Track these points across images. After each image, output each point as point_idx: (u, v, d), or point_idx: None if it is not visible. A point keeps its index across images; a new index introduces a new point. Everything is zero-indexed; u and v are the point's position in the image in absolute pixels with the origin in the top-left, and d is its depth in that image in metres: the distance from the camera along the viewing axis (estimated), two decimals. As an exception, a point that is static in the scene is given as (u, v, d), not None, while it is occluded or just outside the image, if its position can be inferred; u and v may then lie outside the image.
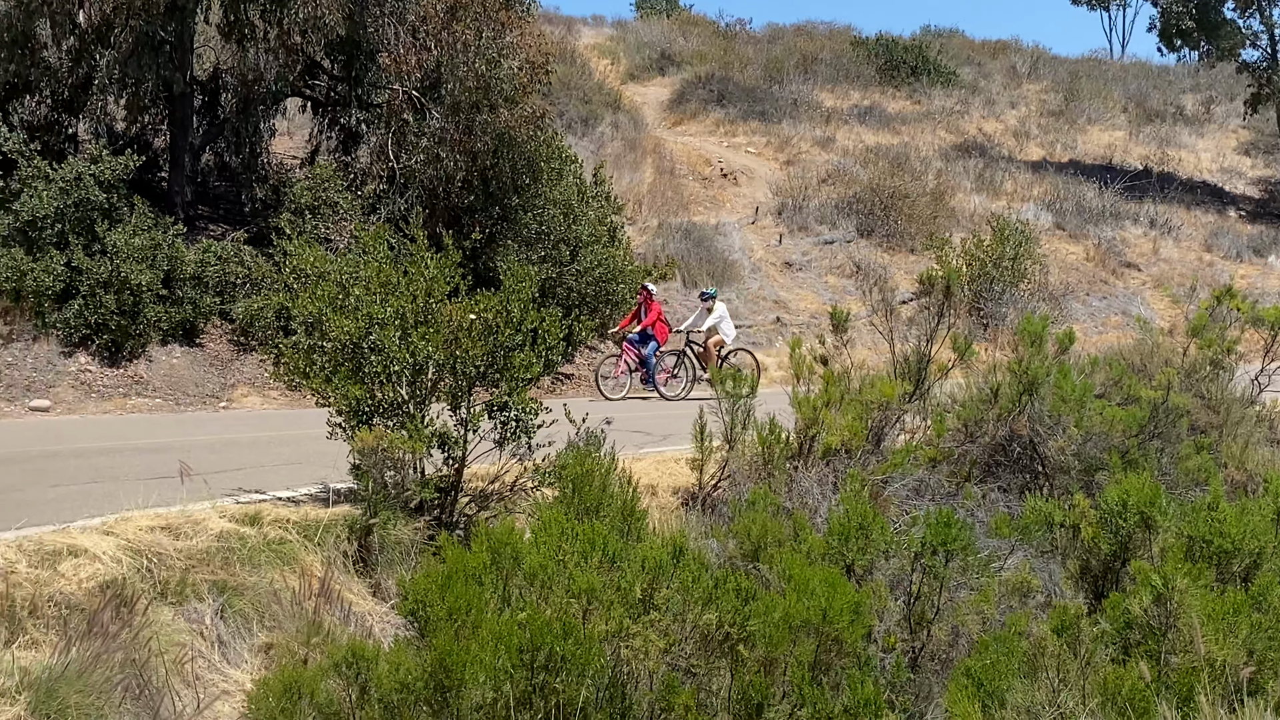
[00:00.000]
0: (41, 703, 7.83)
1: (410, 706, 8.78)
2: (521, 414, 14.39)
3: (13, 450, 17.27)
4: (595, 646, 8.88)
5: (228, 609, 12.24)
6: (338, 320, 14.39)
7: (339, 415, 14.50)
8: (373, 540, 13.91)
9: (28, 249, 23.30)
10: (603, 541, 10.15)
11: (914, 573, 11.24)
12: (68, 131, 26.10)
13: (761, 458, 15.39)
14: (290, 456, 16.68)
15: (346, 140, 27.88)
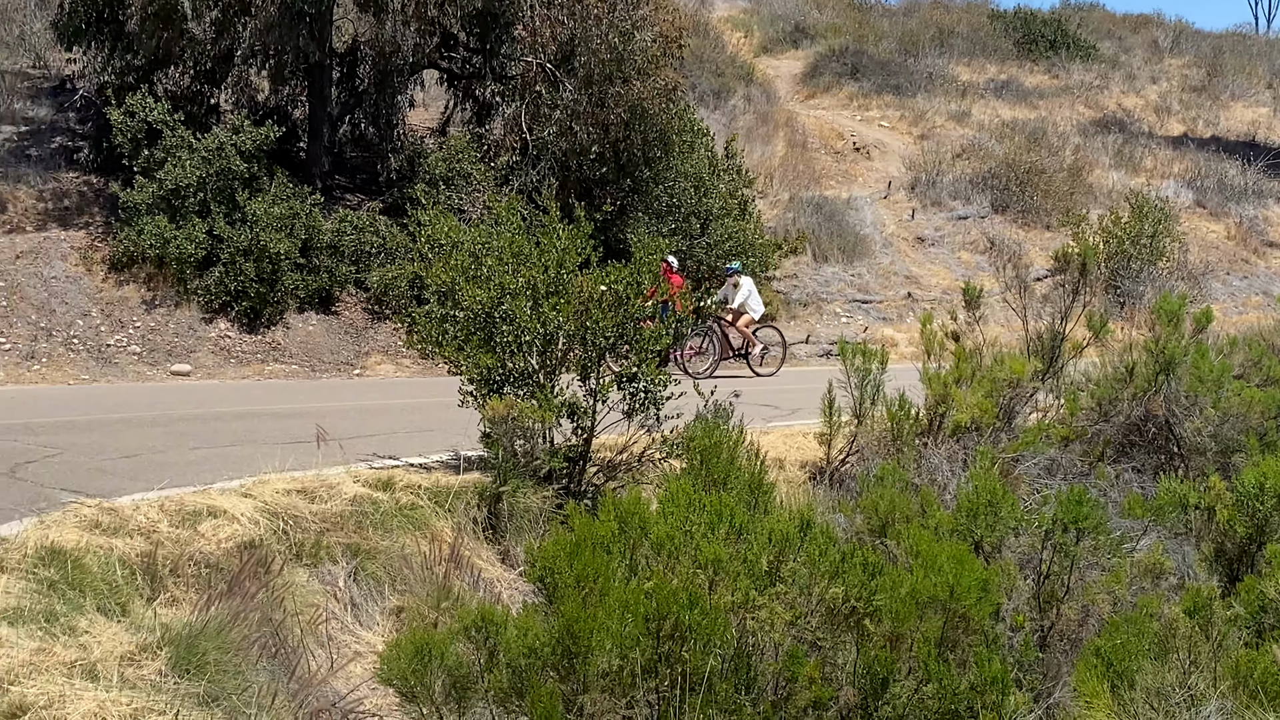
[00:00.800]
0: (182, 658, 8.00)
1: (537, 671, 8.88)
2: (650, 385, 14.43)
3: (155, 413, 17.64)
4: (721, 617, 8.92)
5: (360, 572, 12.45)
6: (470, 290, 14.53)
7: (470, 384, 14.65)
8: (502, 508, 14.05)
9: (171, 217, 23.74)
10: (730, 513, 10.18)
11: (1044, 551, 11.13)
12: (210, 102, 26.56)
13: (891, 433, 15.32)
14: (421, 423, 16.87)
15: (480, 112, 28.07)
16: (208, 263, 23.70)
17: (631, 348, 14.40)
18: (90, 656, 7.84)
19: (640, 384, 14.42)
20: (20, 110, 27.60)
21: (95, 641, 8.16)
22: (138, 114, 24.39)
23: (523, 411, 14.08)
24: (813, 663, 9.06)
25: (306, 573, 11.86)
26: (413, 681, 8.94)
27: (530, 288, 14.33)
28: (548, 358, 14.45)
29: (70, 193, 25.48)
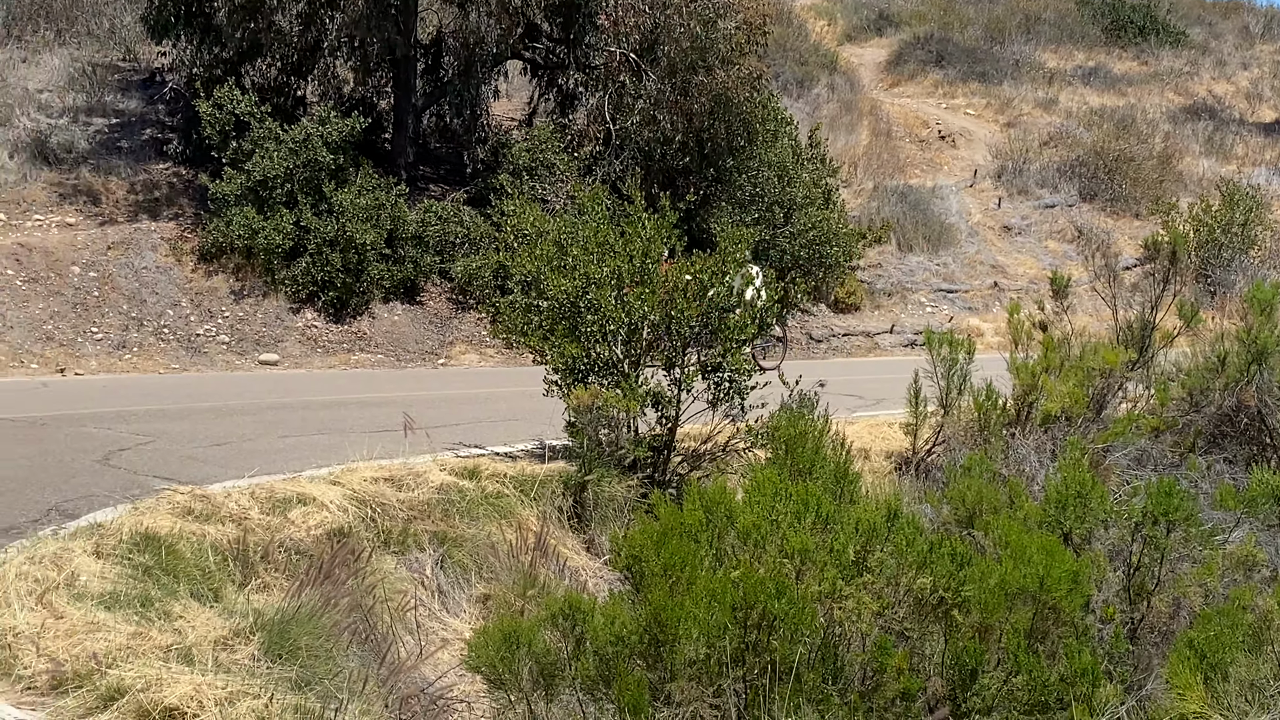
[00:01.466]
0: (274, 643, 8.09)
1: (624, 659, 8.90)
2: (735, 375, 14.41)
3: (244, 401, 17.82)
4: (809, 607, 8.90)
5: (447, 560, 12.52)
6: (555, 279, 14.56)
7: (555, 373, 14.69)
8: (586, 496, 14.08)
9: (259, 208, 23.95)
10: (816, 502, 10.16)
11: (1134, 543, 11.03)
12: (297, 94, 26.78)
13: (978, 424, 15.23)
14: (507, 413, 16.94)
15: (564, 102, 28.12)
16: (295, 253, 23.90)
17: (716, 337, 14.37)
18: (185, 640, 7.94)
19: (725, 373, 14.41)
20: (111, 103, 27.95)
21: (190, 626, 8.27)
22: (226, 106, 24.61)
23: (607, 401, 14.10)
24: (900, 653, 9.02)
25: (394, 560, 11.95)
26: (500, 669, 8.98)
27: (615, 277, 14.33)
28: (632, 347, 14.45)
29: (160, 184, 25.76)
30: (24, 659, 7.61)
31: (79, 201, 25.04)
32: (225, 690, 7.06)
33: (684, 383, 14.39)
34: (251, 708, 6.86)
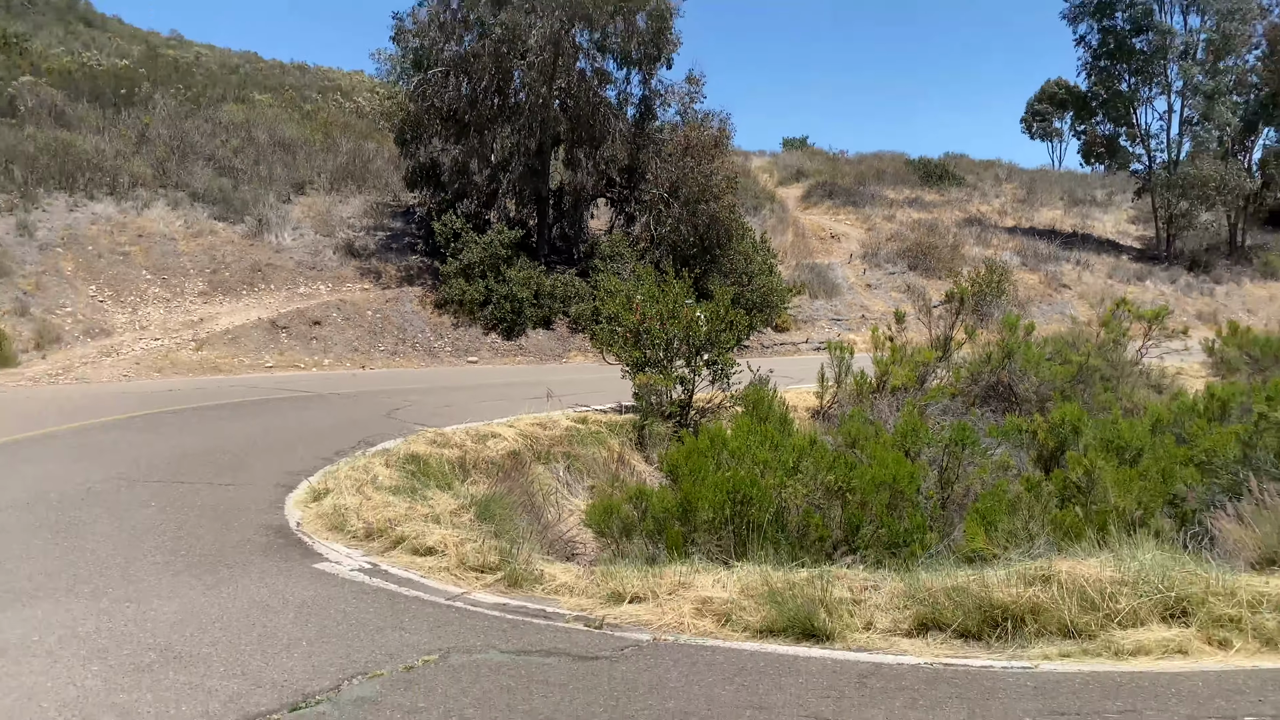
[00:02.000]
0: (481, 512, 8.14)
1: (669, 520, 8.93)
2: (724, 366, 14.38)
3: (460, 384, 17.93)
4: (768, 491, 8.89)
5: (571, 467, 12.53)
6: (626, 316, 14.56)
7: (627, 367, 14.69)
8: (645, 433, 14.06)
9: (466, 279, 24.05)
10: (770, 435, 10.17)
11: (944, 456, 10.95)
12: (485, 217, 26.91)
13: (856, 391, 15.17)
14: (600, 389, 16.94)
15: (627, 220, 28.12)
16: (485, 303, 23.97)
17: (714, 346, 14.36)
18: (434, 511, 7.99)
19: (718, 366, 14.37)
20: (387, 223, 28.13)
21: (436, 504, 8.32)
22: (448, 225, 24.74)
23: (655, 381, 14.10)
24: (817, 517, 8.98)
25: (543, 468, 11.98)
26: (601, 525, 9.02)
27: (659, 315, 14.34)
28: (668, 352, 14.45)
29: (413, 266, 25.89)
30: (350, 521, 7.68)
31: (370, 277, 25.19)
32: (457, 536, 7.12)
33: (696, 371, 14.38)
34: (473, 546, 6.90)
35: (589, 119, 25.09)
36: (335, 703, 4.21)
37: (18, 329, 19.26)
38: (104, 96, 30.50)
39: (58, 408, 13.64)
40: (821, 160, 50.27)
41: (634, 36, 24.42)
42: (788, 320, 27.77)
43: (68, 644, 4.87)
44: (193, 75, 36.82)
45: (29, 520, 7.39)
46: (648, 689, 4.46)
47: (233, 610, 5.47)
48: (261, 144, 30.17)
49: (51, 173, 24.92)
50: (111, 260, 22.80)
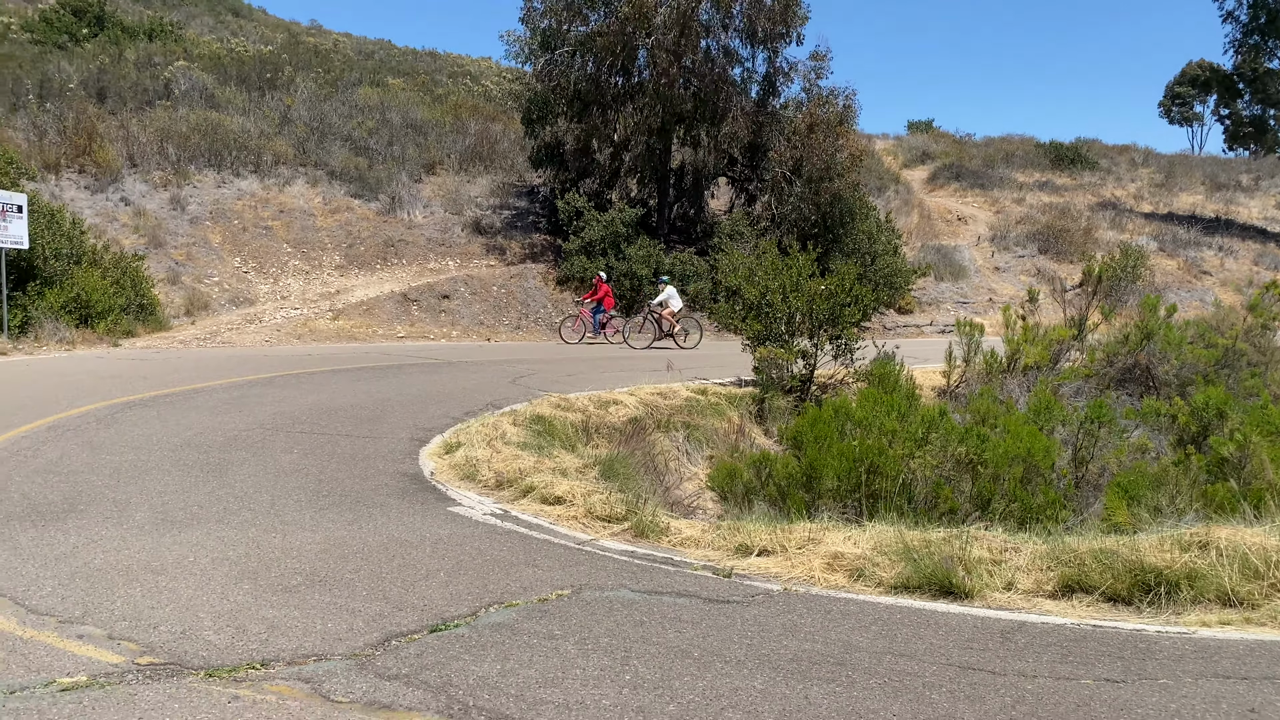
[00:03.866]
0: (605, 471, 8.15)
1: (793, 487, 8.79)
2: (848, 341, 14.10)
3: (581, 357, 18.06)
4: (895, 460, 8.65)
5: (690, 437, 12.46)
6: (748, 289, 14.41)
7: (748, 339, 14.53)
8: (765, 406, 13.88)
9: (588, 256, 24.20)
10: (898, 405, 9.89)
11: (1078, 434, 10.47)
12: (606, 196, 27.01)
13: (985, 370, 14.64)
14: (719, 364, 16.80)
15: (748, 200, 27.80)
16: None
17: (837, 321, 14.07)
18: (561, 466, 8.04)
19: (842, 340, 14.09)
20: (512, 202, 28.55)
21: (561, 462, 8.37)
22: (570, 203, 24.97)
23: (776, 354, 13.91)
24: (948, 489, 8.70)
25: (663, 436, 11.92)
26: (724, 488, 8.94)
27: (781, 288, 14.12)
28: (790, 326, 14.23)
29: (536, 244, 26.21)
30: (481, 471, 7.79)
31: (495, 254, 25.63)
32: (584, 489, 7.13)
33: (818, 345, 14.13)
34: (599, 498, 6.90)
35: (712, 97, 24.87)
36: (473, 626, 4.25)
37: (170, 296, 20.28)
38: (250, 80, 31.82)
39: (206, 366, 14.30)
40: (948, 143, 48.77)
41: (761, 13, 24.07)
42: (911, 302, 27.06)
43: (220, 565, 5.05)
44: (331, 61, 38.08)
45: (181, 461, 7.73)
46: (782, 631, 4.35)
47: (373, 543, 5.59)
48: (395, 125, 30.99)
49: (201, 151, 26.14)
50: (255, 234, 23.78)
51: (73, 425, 9.10)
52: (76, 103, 26.49)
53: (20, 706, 3.32)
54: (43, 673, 3.61)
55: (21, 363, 14.41)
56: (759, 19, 24.28)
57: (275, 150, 27.32)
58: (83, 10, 33.57)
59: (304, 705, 3.39)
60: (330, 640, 4.02)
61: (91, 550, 5.25)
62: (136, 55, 31.15)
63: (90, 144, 24.49)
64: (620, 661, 3.88)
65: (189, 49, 33.78)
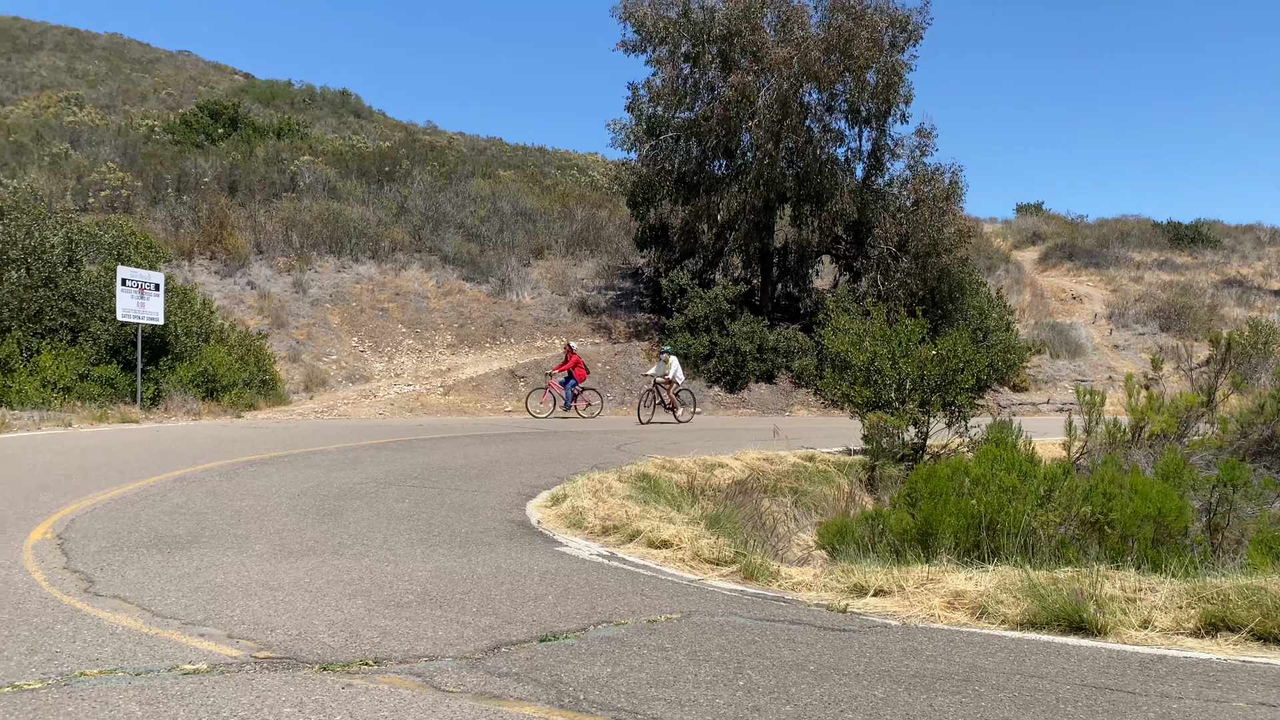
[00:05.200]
0: (711, 522, 8.04)
1: (907, 544, 8.50)
2: (961, 408, 13.74)
3: (682, 428, 18.00)
4: (1017, 518, 8.31)
5: (798, 502, 12.24)
6: (856, 354, 14.24)
7: (857, 407, 14.30)
8: (875, 475, 13.56)
9: (691, 333, 24.35)
10: (1018, 462, 9.53)
11: (1212, 497, 9.89)
12: (710, 275, 27.29)
13: (1108, 440, 14.00)
14: (825, 433, 16.57)
15: (853, 277, 27.73)
16: (709, 356, 24.19)
17: (950, 388, 13.74)
18: (667, 516, 7.98)
19: (955, 407, 13.73)
20: (616, 283, 29.08)
21: (667, 514, 8.31)
22: (675, 281, 25.29)
23: (887, 421, 13.63)
24: (1073, 549, 8.29)
25: (769, 500, 11.74)
26: (835, 544, 8.70)
27: (890, 353, 13.91)
28: (900, 392, 13.95)
29: (640, 322, 26.55)
30: (587, 519, 7.78)
31: (600, 332, 26.02)
32: (691, 534, 7.05)
33: (930, 412, 13.80)
34: (707, 542, 6.81)
35: (816, 176, 25.05)
36: (582, 638, 4.20)
37: (290, 372, 21.13)
38: (369, 173, 33.49)
39: (322, 434, 14.78)
40: (1059, 224, 47.82)
41: (863, 92, 24.30)
42: (1026, 379, 26.27)
43: (334, 585, 5.14)
44: (445, 156, 39.84)
45: (298, 506, 7.95)
46: (902, 653, 4.17)
47: (481, 572, 5.61)
48: (505, 213, 32.08)
49: (323, 238, 27.48)
50: (372, 315, 24.71)
51: (197, 478, 9.48)
52: (210, 195, 28.29)
53: (145, 684, 3.41)
54: (166, 660, 3.71)
55: (152, 429, 15.15)
56: (862, 98, 24.51)
57: (392, 237, 28.54)
58: (219, 113, 36.06)
59: (415, 694, 3.39)
60: (441, 645, 4.03)
61: (213, 571, 5.42)
62: (265, 152, 33.19)
63: (221, 232, 26.04)
64: (733, 670, 3.77)
65: (314, 146, 35.85)
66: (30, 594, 4.80)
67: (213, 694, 3.33)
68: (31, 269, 17.85)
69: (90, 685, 3.40)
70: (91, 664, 3.65)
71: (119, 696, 3.29)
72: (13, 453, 11.38)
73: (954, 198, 24.89)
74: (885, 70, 24.16)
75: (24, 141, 30.95)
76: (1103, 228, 46.56)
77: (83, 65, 46.11)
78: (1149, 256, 41.04)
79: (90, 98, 39.90)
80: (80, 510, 7.39)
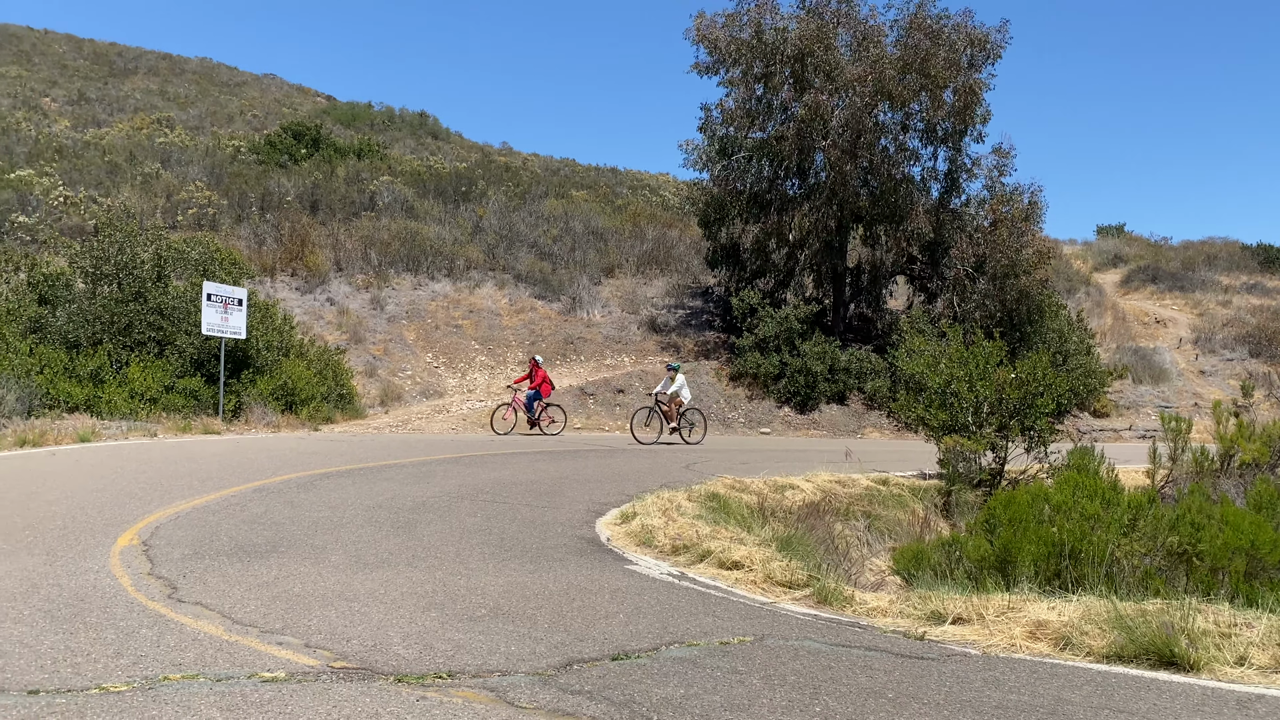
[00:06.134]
0: (782, 545, 7.93)
1: (984, 571, 8.28)
2: (1040, 432, 13.38)
3: (753, 448, 17.89)
4: (1100, 547, 8.04)
5: (871, 526, 12.04)
6: (932, 376, 13.98)
7: (931, 431, 14.02)
8: (951, 500, 13.27)
9: (761, 352, 24.20)
10: (1101, 489, 9.24)
11: (1312, 529, 9.42)
12: (781, 295, 27.11)
13: (1195, 470, 13.51)
14: (899, 457, 16.31)
15: (928, 298, 27.27)
16: (779, 377, 24.01)
17: (1030, 411, 13.39)
18: (738, 537, 7.90)
19: (1034, 431, 13.38)
20: (686, 302, 29.08)
21: (737, 534, 8.22)
22: (745, 300, 25.19)
23: (963, 445, 13.34)
24: (1159, 580, 7.99)
25: (840, 524, 11.55)
26: (910, 570, 8.52)
27: (967, 375, 13.63)
28: (978, 415, 13.64)
29: (709, 341, 26.48)
30: (657, 538, 7.74)
31: (670, 351, 26.01)
32: (763, 555, 6.96)
33: (1009, 436, 13.46)
34: (779, 564, 6.72)
35: (890, 196, 24.77)
36: (654, 658, 4.16)
37: (366, 387, 21.52)
38: (446, 193, 34.07)
39: (396, 448, 14.99)
40: (1141, 246, 46.50)
41: (940, 111, 23.99)
42: (1108, 405, 25.54)
43: (408, 597, 5.18)
44: (519, 176, 40.38)
45: (373, 519, 8.06)
46: (983, 684, 4.05)
47: (553, 588, 5.61)
48: (577, 233, 32.34)
49: (400, 256, 28.00)
50: (446, 331, 25.06)
51: (276, 488, 9.67)
52: (292, 214, 29.04)
53: (225, 690, 3.46)
54: (245, 667, 3.77)
55: (232, 440, 15.53)
56: (938, 117, 24.20)
57: (467, 256, 28.97)
58: (301, 134, 37.07)
59: (489, 708, 3.38)
60: (514, 660, 4.02)
61: (290, 581, 5.50)
62: (346, 172, 34.01)
63: (302, 250, 26.70)
64: (809, 696, 3.69)
65: (393, 166, 36.62)
66: (117, 598, 4.93)
67: (290, 702, 3.37)
68: (123, 284, 18.51)
69: (173, 690, 3.47)
70: (175, 669, 3.73)
71: (200, 702, 3.35)
72: (101, 461, 11.76)
73: (1033, 218, 24.38)
74: (962, 90, 23.83)
75: (118, 162, 32.19)
76: (1188, 250, 45.13)
77: (174, 88, 47.85)
78: (1237, 280, 39.63)
79: (180, 119, 41.36)
80: (165, 518, 7.59)
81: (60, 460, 11.74)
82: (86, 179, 29.73)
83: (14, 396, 15.28)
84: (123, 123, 39.48)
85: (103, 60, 51.10)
